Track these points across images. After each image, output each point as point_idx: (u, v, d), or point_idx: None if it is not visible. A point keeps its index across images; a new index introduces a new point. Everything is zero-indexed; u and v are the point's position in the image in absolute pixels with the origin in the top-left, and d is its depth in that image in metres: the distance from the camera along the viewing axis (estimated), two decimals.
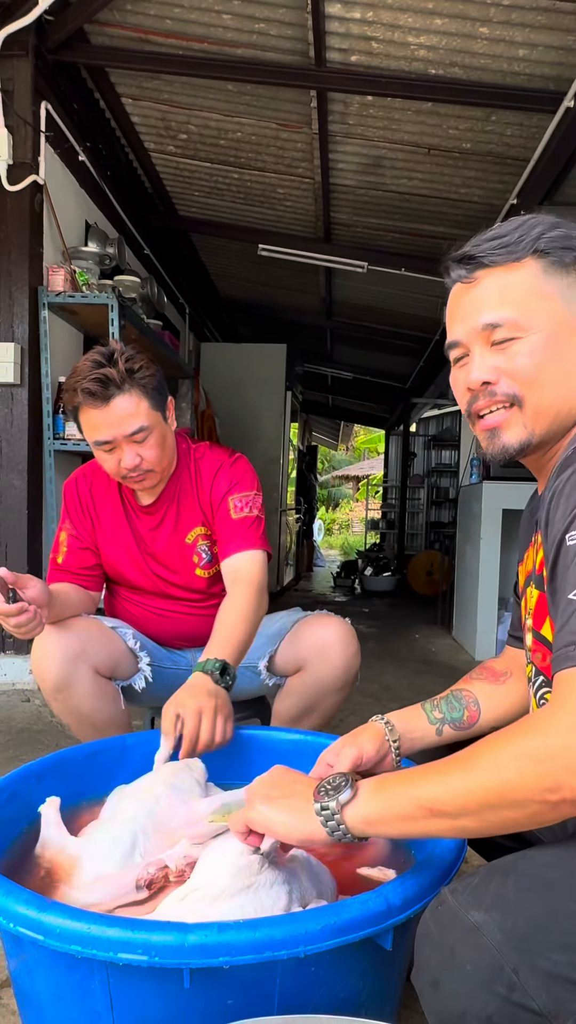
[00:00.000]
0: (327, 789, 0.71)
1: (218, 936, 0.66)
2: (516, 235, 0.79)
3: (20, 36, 2.69)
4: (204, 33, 2.85)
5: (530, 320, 0.78)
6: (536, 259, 0.78)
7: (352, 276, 4.69)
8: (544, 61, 2.68)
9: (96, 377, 1.33)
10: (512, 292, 0.79)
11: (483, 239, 0.81)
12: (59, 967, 0.72)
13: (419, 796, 0.66)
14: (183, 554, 1.55)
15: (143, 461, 1.39)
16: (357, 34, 2.71)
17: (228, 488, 1.52)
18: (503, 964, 0.57)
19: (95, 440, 1.38)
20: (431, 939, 0.63)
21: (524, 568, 0.92)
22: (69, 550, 1.55)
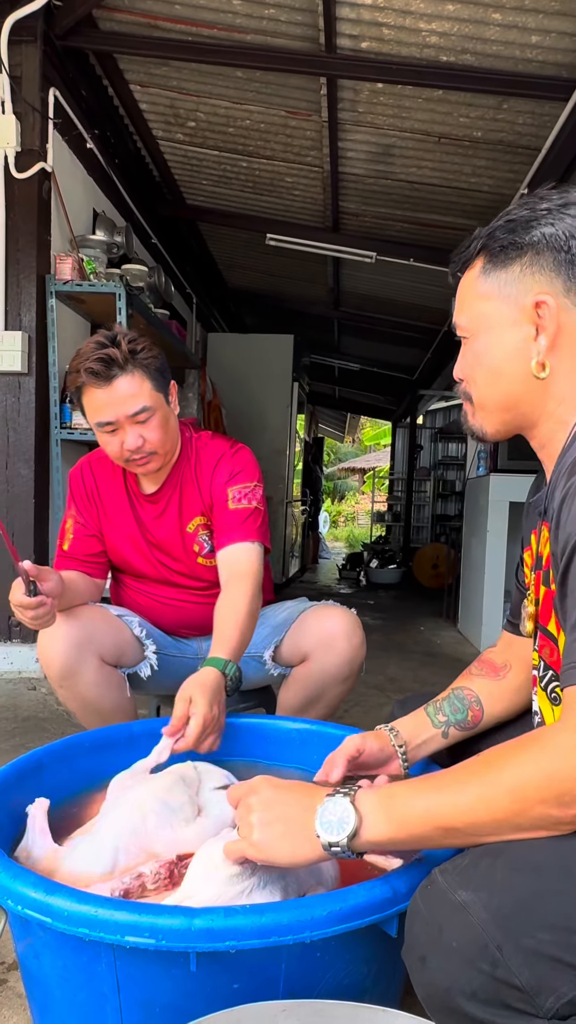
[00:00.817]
0: (331, 822, 0.68)
1: (224, 920, 0.67)
2: (473, 238, 0.84)
3: (28, 22, 2.68)
4: (213, 19, 2.83)
5: (471, 323, 0.83)
6: (481, 258, 0.82)
7: (360, 266, 4.67)
8: (557, 48, 2.65)
9: (99, 357, 1.34)
10: (463, 297, 0.85)
11: (462, 244, 0.87)
12: (66, 950, 0.73)
13: (431, 817, 0.66)
14: (185, 543, 1.55)
15: (146, 443, 1.39)
16: (368, 20, 2.68)
17: (228, 478, 1.51)
18: (487, 942, 0.58)
19: (97, 421, 1.39)
20: (420, 917, 0.64)
21: (529, 554, 0.92)
22: (75, 537, 1.55)
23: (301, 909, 0.69)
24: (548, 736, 0.64)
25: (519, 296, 0.79)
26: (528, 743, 0.65)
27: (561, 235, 0.76)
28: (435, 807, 0.66)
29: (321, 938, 0.69)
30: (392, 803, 0.68)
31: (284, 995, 0.72)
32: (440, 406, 9.66)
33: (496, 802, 0.63)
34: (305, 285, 5.69)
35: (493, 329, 0.81)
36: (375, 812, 0.68)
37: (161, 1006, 0.71)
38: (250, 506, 1.49)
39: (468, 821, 0.64)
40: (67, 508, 1.59)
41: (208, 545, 1.55)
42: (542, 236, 0.77)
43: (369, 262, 4.39)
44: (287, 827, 0.71)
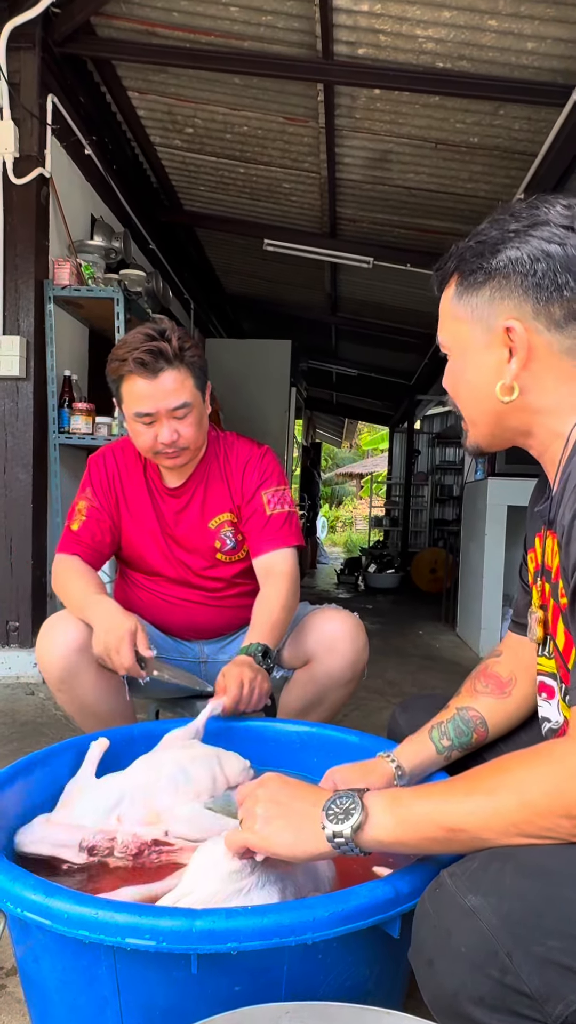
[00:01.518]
0: (336, 813, 0.69)
1: (226, 922, 0.66)
2: (448, 257, 0.84)
3: (27, 29, 2.69)
4: (211, 26, 2.84)
5: (451, 343, 0.85)
6: (456, 280, 0.82)
7: (358, 272, 4.68)
8: (553, 54, 2.67)
9: (149, 349, 1.35)
10: (443, 314, 0.86)
11: (440, 260, 0.87)
12: (66, 953, 0.72)
13: (437, 820, 0.66)
14: (206, 539, 1.55)
15: (180, 438, 1.41)
16: (365, 27, 2.70)
17: (260, 482, 1.54)
18: (497, 948, 0.58)
19: (136, 411, 1.39)
20: (428, 920, 0.64)
21: (533, 556, 0.91)
22: (88, 519, 1.53)
23: (303, 910, 0.68)
24: (559, 751, 0.65)
25: (489, 319, 0.79)
26: (539, 756, 0.65)
27: (526, 258, 0.75)
28: (442, 811, 0.66)
29: (323, 939, 0.68)
30: (399, 804, 0.69)
31: (286, 997, 0.71)
32: (437, 411, 9.67)
33: (504, 810, 0.63)
34: (303, 290, 5.71)
35: (468, 351, 0.82)
36: (382, 811, 0.68)
37: (162, 1009, 0.71)
38: (284, 511, 1.54)
39: (475, 827, 0.64)
40: (81, 490, 1.57)
41: (231, 542, 1.55)
42: (508, 260, 0.76)
43: (366, 267, 4.41)
44: (292, 818, 0.72)
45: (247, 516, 1.54)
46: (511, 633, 1.03)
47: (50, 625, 1.44)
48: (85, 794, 1.02)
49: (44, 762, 1.09)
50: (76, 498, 1.57)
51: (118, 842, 0.91)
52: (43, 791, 1.06)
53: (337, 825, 0.68)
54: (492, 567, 3.79)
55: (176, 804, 0.97)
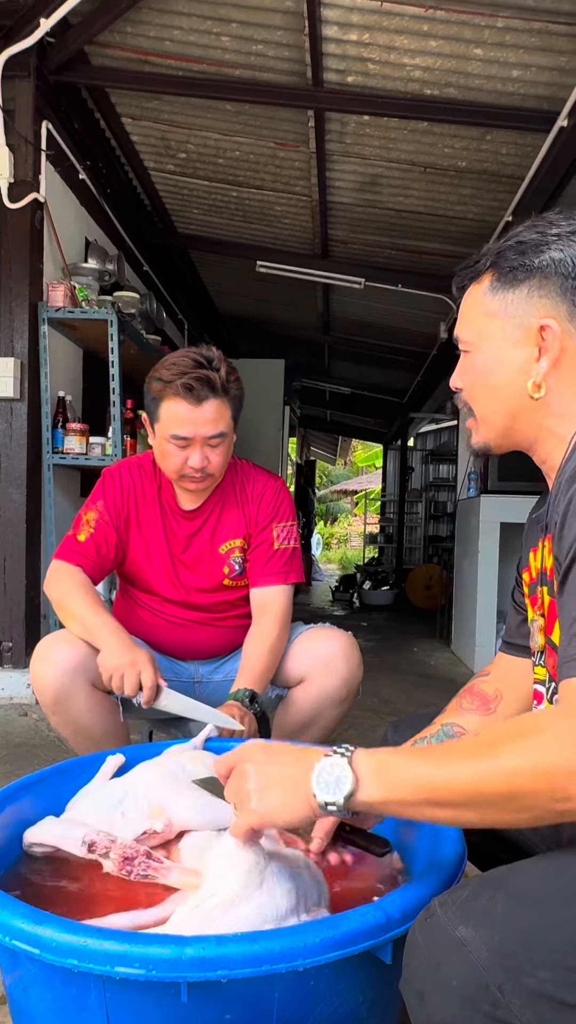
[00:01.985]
0: (328, 782, 0.67)
1: (216, 949, 0.66)
2: (482, 253, 0.85)
3: (22, 58, 2.74)
4: (203, 54, 2.90)
5: (475, 340, 0.84)
6: (490, 275, 0.83)
7: (349, 292, 4.74)
8: (538, 81, 2.73)
9: (199, 376, 1.37)
10: (468, 311, 0.86)
11: (468, 260, 0.88)
12: (55, 982, 0.72)
13: (423, 787, 0.65)
14: (214, 563, 1.56)
15: (209, 464, 1.43)
16: (354, 55, 2.76)
17: (273, 514, 1.56)
18: (488, 981, 0.57)
19: (174, 433, 1.40)
20: (418, 951, 0.63)
21: (529, 572, 0.92)
22: (95, 531, 1.51)
23: (293, 936, 0.68)
24: (548, 724, 0.64)
25: (524, 317, 0.80)
26: (528, 730, 0.64)
27: (569, 261, 0.78)
28: (428, 779, 0.65)
29: (314, 965, 0.68)
30: (388, 769, 0.67)
31: None
32: (430, 428, 9.74)
33: (489, 784, 0.62)
34: (295, 311, 5.76)
35: (496, 347, 0.82)
36: (371, 775, 0.67)
37: None
38: (290, 546, 1.57)
39: (458, 798, 0.63)
40: (91, 500, 1.55)
41: (239, 568, 1.57)
42: (551, 260, 0.79)
43: (358, 288, 4.46)
44: (284, 788, 0.70)
45: (255, 545, 1.56)
46: (501, 654, 1.03)
47: (44, 646, 1.44)
48: (90, 795, 1.06)
49: (36, 785, 1.09)
50: (85, 507, 1.55)
51: (115, 846, 0.93)
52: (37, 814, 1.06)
53: (329, 795, 0.67)
54: (486, 584, 3.80)
55: (176, 795, 1.01)
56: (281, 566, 1.55)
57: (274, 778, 0.71)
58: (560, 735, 0.61)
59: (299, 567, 1.58)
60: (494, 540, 3.77)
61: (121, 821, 0.99)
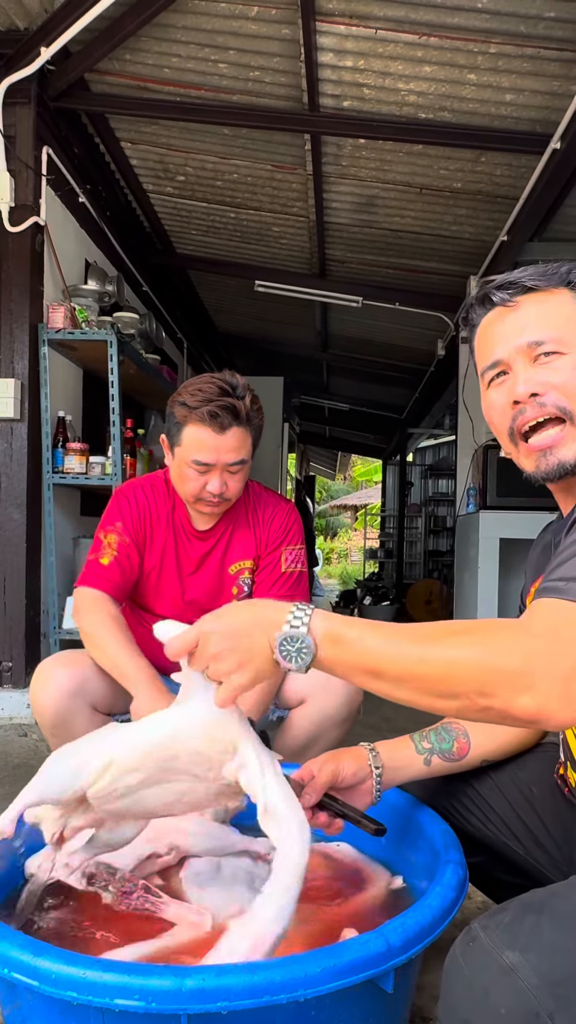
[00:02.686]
0: (290, 652, 0.71)
1: (216, 980, 0.65)
2: (549, 270, 0.86)
3: (23, 85, 2.79)
4: (200, 81, 2.95)
5: (571, 340, 0.83)
6: (570, 290, 0.85)
7: (347, 310, 4.78)
8: (531, 105, 2.77)
9: (225, 405, 1.38)
10: (553, 314, 0.84)
11: (520, 270, 0.88)
12: (54, 1014, 0.71)
13: (370, 658, 0.69)
14: (223, 584, 1.57)
15: (227, 490, 1.44)
16: (349, 81, 2.81)
17: (283, 537, 1.57)
18: (539, 1010, 0.56)
19: (195, 459, 1.41)
20: (462, 977, 0.61)
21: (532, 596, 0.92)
22: (119, 554, 1.50)
23: (294, 966, 0.68)
24: (501, 628, 0.67)
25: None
26: (481, 627, 0.67)
27: None
28: (376, 653, 0.69)
29: (315, 996, 0.67)
30: (343, 640, 0.71)
31: None
32: (429, 443, 9.77)
33: (429, 666, 0.65)
34: (294, 329, 5.81)
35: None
36: (327, 644, 0.71)
37: None
38: (298, 569, 1.57)
39: (398, 673, 0.68)
40: (108, 521, 1.54)
41: (248, 589, 1.57)
42: None
43: (356, 306, 4.50)
44: (253, 663, 0.74)
45: (263, 566, 1.57)
46: None
47: (44, 669, 1.43)
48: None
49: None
50: (103, 529, 1.54)
51: (116, 878, 0.92)
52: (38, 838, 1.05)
53: (292, 664, 0.71)
54: (486, 599, 3.79)
55: (180, 820, 1.00)
56: (287, 589, 1.55)
57: (242, 652, 0.74)
58: (508, 640, 0.64)
59: (305, 590, 1.59)
60: (494, 556, 3.77)
61: (126, 851, 0.99)
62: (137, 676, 1.36)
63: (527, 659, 0.62)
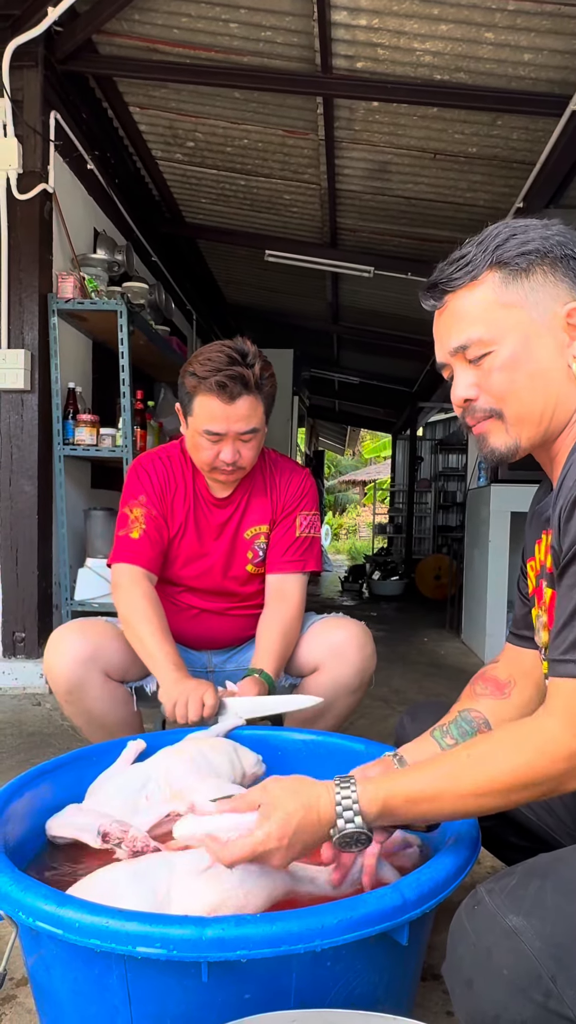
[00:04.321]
0: (345, 843, 0.76)
1: (236, 929, 0.67)
2: (472, 254, 0.83)
3: (30, 47, 2.73)
4: (211, 42, 2.88)
5: (496, 333, 0.81)
6: (495, 271, 0.81)
7: (358, 281, 4.71)
8: (549, 65, 2.69)
9: (233, 374, 1.38)
10: (475, 310, 0.82)
11: (445, 264, 0.86)
12: (77, 962, 0.73)
13: (422, 816, 0.76)
14: (240, 548, 1.58)
15: (241, 459, 1.45)
16: (363, 41, 2.73)
17: (299, 502, 1.59)
18: (541, 972, 0.57)
19: (207, 429, 1.42)
20: (467, 938, 0.62)
21: (533, 565, 0.92)
22: (148, 526, 1.51)
23: (312, 917, 0.69)
24: (528, 730, 0.73)
25: (546, 303, 0.80)
26: (521, 733, 0.73)
27: (571, 242, 0.81)
28: (430, 810, 0.76)
29: (332, 947, 0.69)
30: (394, 812, 0.76)
31: (295, 1005, 0.72)
32: (440, 418, 9.69)
33: (484, 798, 0.73)
34: (304, 300, 5.74)
35: (527, 335, 0.81)
36: (380, 820, 0.77)
37: (173, 1017, 0.71)
38: (311, 535, 1.59)
39: (463, 812, 0.76)
40: (131, 496, 1.54)
41: (262, 554, 1.59)
42: (557, 244, 0.81)
43: (367, 277, 4.43)
44: (307, 843, 0.78)
45: (278, 529, 1.58)
46: (509, 644, 1.03)
47: (57, 637, 1.45)
48: (113, 779, 1.09)
49: (52, 772, 1.10)
50: (126, 503, 1.54)
51: (128, 836, 0.95)
52: (54, 799, 1.07)
53: (346, 848, 0.78)
54: (496, 573, 3.79)
55: (198, 782, 1.03)
56: (301, 554, 1.57)
57: (301, 849, 0.77)
58: (541, 734, 0.71)
59: (318, 556, 1.61)
60: (504, 529, 3.76)
61: (145, 804, 1.02)
62: (160, 662, 1.38)
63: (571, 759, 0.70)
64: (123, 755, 1.16)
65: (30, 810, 1.03)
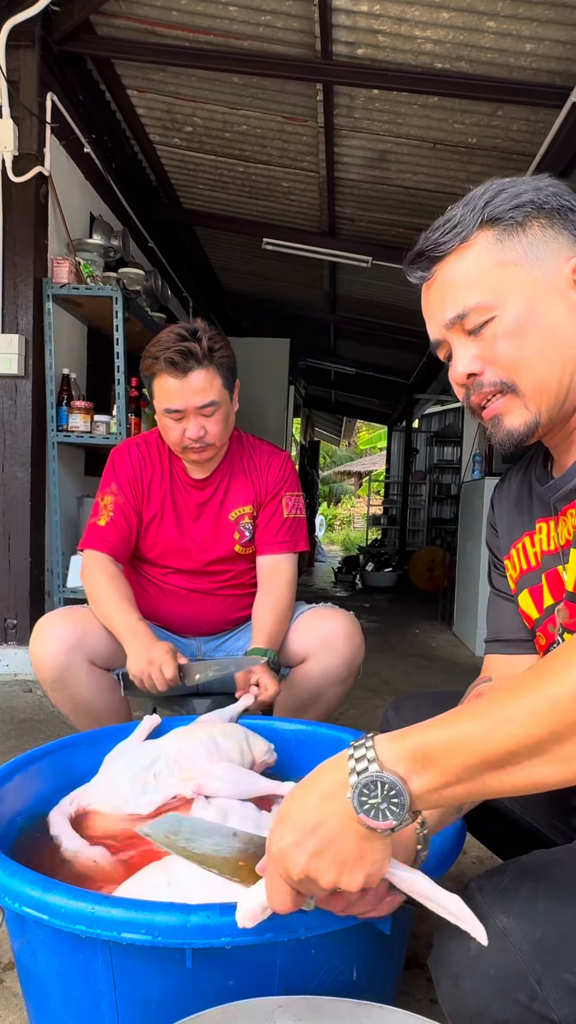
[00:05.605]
0: (376, 807, 0.56)
1: (220, 917, 0.67)
2: (459, 215, 0.75)
3: (26, 27, 2.69)
4: (210, 25, 2.84)
5: (497, 296, 0.72)
6: (487, 230, 0.74)
7: (356, 271, 4.69)
8: (551, 55, 2.67)
9: (180, 349, 1.40)
10: (469, 275, 0.74)
11: (430, 230, 0.77)
12: (63, 947, 0.73)
13: (474, 756, 0.54)
14: (225, 530, 1.59)
15: (207, 434, 1.46)
16: (364, 27, 2.71)
17: (282, 484, 1.61)
18: (527, 974, 0.57)
19: (166, 407, 1.44)
20: (455, 934, 0.62)
21: (515, 562, 0.90)
22: (115, 514, 1.54)
23: None
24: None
25: (549, 259, 0.72)
26: (561, 656, 0.54)
27: (565, 194, 0.74)
28: (478, 740, 0.54)
29: (316, 935, 0.69)
30: (430, 754, 0.56)
31: (279, 992, 0.72)
32: (435, 410, 9.69)
33: (556, 708, 0.52)
34: (301, 289, 5.71)
35: (533, 294, 0.72)
36: (414, 769, 0.56)
37: (157, 1003, 0.72)
38: (298, 516, 1.61)
39: (521, 747, 0.53)
40: (104, 483, 1.58)
41: (249, 534, 1.60)
42: (551, 195, 0.73)
43: (365, 267, 4.41)
44: (346, 849, 0.58)
45: (265, 512, 1.59)
46: (495, 656, 0.92)
47: (42, 625, 1.45)
48: (124, 755, 1.10)
49: (42, 759, 1.10)
50: (100, 492, 1.58)
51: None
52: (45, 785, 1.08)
53: (387, 819, 0.56)
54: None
55: (208, 764, 1.04)
56: (290, 535, 1.59)
57: (332, 848, 0.58)
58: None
59: (305, 536, 1.63)
60: None
61: (153, 783, 1.02)
62: (125, 633, 1.38)
63: None
64: (138, 729, 1.17)
65: (19, 796, 1.03)
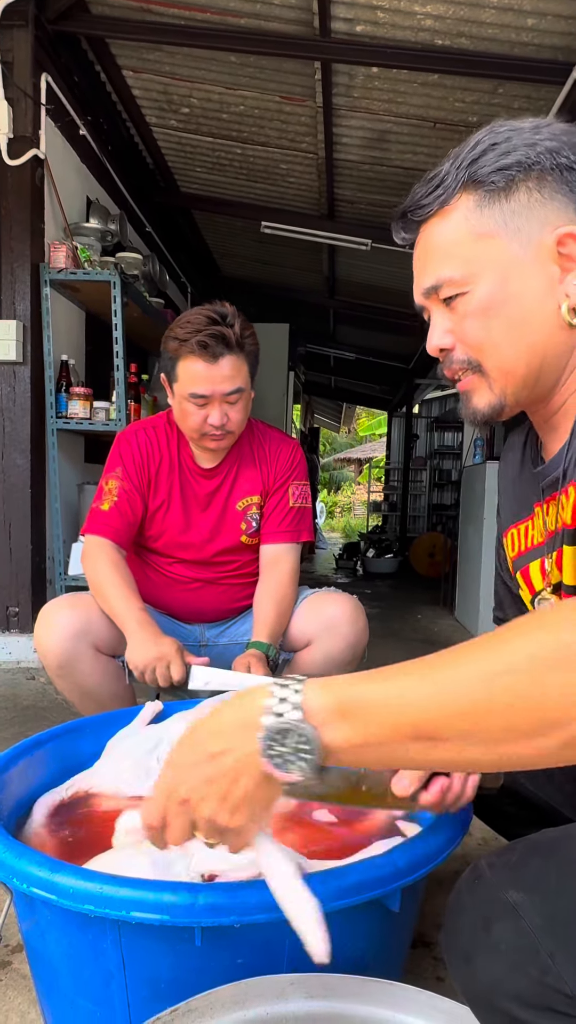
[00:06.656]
0: (283, 755, 0.52)
1: (229, 896, 0.67)
2: (444, 171, 0.71)
3: (20, 6, 2.65)
4: (206, 2, 2.80)
5: (471, 270, 0.69)
6: (469, 193, 0.69)
7: (356, 254, 4.65)
8: (553, 31, 2.63)
9: (213, 333, 1.37)
10: (445, 244, 0.71)
11: (419, 184, 0.73)
12: (72, 927, 0.74)
13: (402, 716, 0.50)
14: (232, 520, 1.57)
15: (229, 422, 1.44)
16: (363, 3, 2.66)
17: (290, 473, 1.59)
18: (539, 948, 0.56)
19: (192, 392, 1.41)
20: (466, 912, 0.62)
21: (518, 539, 0.90)
22: (119, 499, 1.51)
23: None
24: (556, 611, 0.49)
25: (531, 230, 0.67)
26: (529, 620, 0.50)
27: (567, 149, 0.66)
28: (411, 701, 0.49)
29: (325, 912, 0.69)
30: (354, 707, 0.52)
31: (288, 970, 0.72)
32: (436, 395, 9.65)
33: (500, 684, 0.46)
34: (300, 273, 5.67)
35: (507, 271, 0.68)
36: (332, 722, 0.52)
37: (167, 981, 0.72)
38: (304, 505, 1.60)
39: (454, 720, 0.48)
40: (110, 468, 1.55)
41: (256, 525, 1.58)
42: (546, 152, 0.65)
43: (364, 250, 4.37)
44: (238, 786, 0.55)
45: (271, 501, 1.58)
46: None
47: (47, 612, 1.45)
48: (126, 740, 1.11)
49: (47, 743, 1.11)
50: (105, 476, 1.55)
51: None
52: (48, 770, 1.08)
53: (289, 770, 0.53)
54: (490, 551, 3.79)
55: None
56: (295, 524, 1.58)
57: (222, 779, 0.55)
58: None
59: (310, 526, 1.62)
60: None
61: (155, 768, 1.02)
62: (129, 622, 1.37)
63: None
64: (140, 715, 1.17)
65: (23, 779, 1.03)
